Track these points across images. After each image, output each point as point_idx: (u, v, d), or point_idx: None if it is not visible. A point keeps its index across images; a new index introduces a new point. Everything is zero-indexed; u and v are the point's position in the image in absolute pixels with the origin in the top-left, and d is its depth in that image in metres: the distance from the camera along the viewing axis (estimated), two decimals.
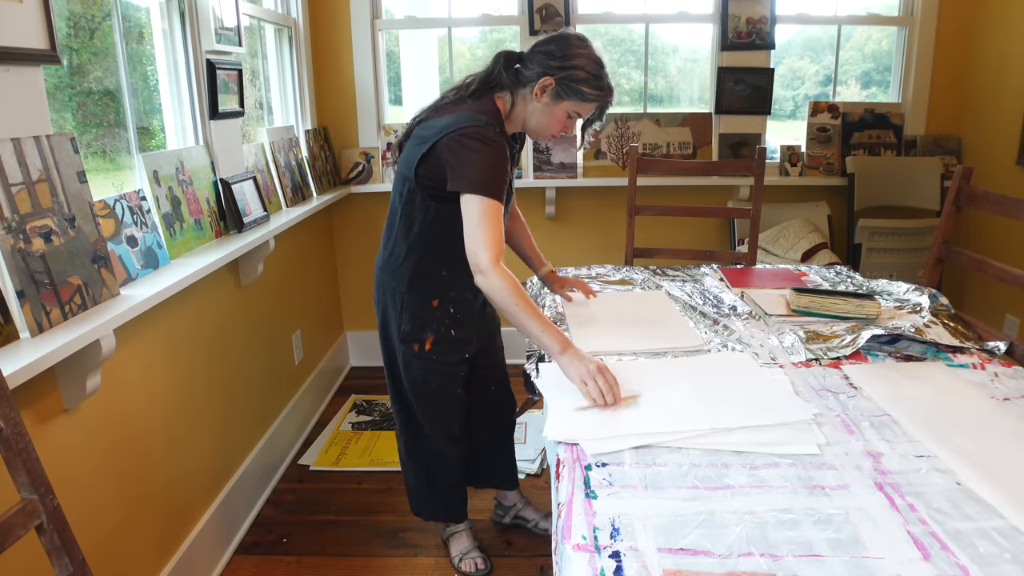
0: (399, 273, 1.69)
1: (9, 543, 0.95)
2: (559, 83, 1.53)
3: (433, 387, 1.77)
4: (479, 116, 1.53)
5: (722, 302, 1.83)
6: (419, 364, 1.74)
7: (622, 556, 0.85)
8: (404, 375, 1.78)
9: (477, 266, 1.46)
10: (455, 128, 1.51)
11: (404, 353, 1.74)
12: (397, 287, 1.70)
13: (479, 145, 1.49)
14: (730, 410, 1.21)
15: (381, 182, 3.27)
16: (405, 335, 1.72)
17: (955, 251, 1.87)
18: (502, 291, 1.43)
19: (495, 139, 1.51)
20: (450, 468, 1.93)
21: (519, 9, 3.17)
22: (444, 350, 1.74)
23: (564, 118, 1.59)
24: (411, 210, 1.63)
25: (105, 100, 1.81)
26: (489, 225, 1.46)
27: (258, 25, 2.74)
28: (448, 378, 1.78)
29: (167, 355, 1.81)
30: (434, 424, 1.84)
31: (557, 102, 1.56)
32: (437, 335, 1.72)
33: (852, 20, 3.27)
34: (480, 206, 1.47)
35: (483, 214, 1.46)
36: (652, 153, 3.27)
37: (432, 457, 1.91)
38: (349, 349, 3.53)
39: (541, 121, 1.60)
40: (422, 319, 1.71)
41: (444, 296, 1.70)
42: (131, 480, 1.65)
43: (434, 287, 1.68)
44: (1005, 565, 0.82)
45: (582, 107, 1.57)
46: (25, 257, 1.27)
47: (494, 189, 1.48)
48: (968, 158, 3.18)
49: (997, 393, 1.28)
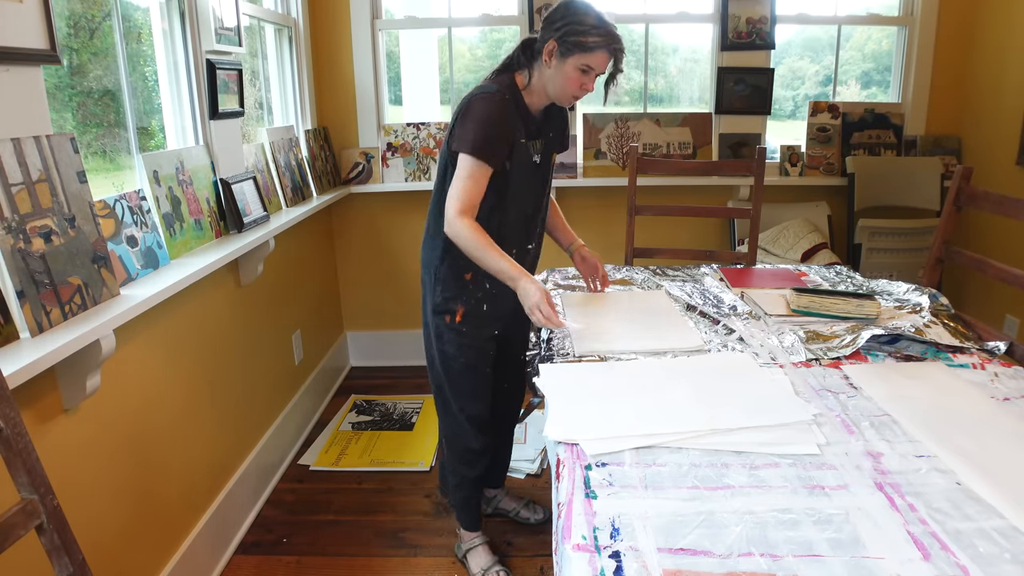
0: (434, 245, 1.76)
1: (9, 543, 0.95)
2: (560, 42, 1.58)
3: (463, 361, 1.80)
4: (492, 85, 1.64)
5: (722, 302, 1.83)
6: (449, 337, 1.78)
7: (622, 556, 0.85)
8: (436, 347, 1.82)
9: (446, 216, 1.58)
10: (468, 95, 1.65)
11: (436, 325, 1.80)
12: (431, 259, 1.77)
13: (480, 106, 1.59)
14: (730, 410, 1.21)
15: (381, 182, 3.27)
16: (437, 307, 1.78)
17: (955, 251, 1.87)
18: (466, 233, 1.56)
19: (499, 102, 1.60)
20: (475, 459, 1.91)
21: (519, 9, 3.17)
22: (475, 324, 1.78)
23: (577, 75, 1.61)
24: (444, 182, 1.70)
25: (105, 100, 1.81)
26: (467, 184, 1.58)
27: (258, 25, 2.74)
28: (479, 353, 1.81)
29: (167, 355, 1.81)
30: (463, 401, 1.85)
31: (563, 60, 1.60)
32: (467, 307, 1.76)
33: (852, 20, 3.27)
34: (464, 163, 1.58)
35: (465, 172, 1.58)
36: (652, 153, 3.27)
37: (460, 446, 1.90)
38: (349, 349, 3.53)
39: (557, 83, 1.64)
40: (453, 291, 1.76)
41: (477, 270, 1.71)
42: (131, 480, 1.65)
43: (467, 261, 1.68)
44: (1005, 565, 0.82)
45: (590, 58, 1.59)
46: (25, 257, 1.27)
47: (484, 150, 1.57)
48: (968, 158, 3.18)
49: (997, 393, 1.28)
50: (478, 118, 1.58)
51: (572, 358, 1.47)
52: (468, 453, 1.90)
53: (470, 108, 1.60)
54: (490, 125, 1.58)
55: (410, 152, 3.25)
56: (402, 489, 2.42)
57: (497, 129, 1.60)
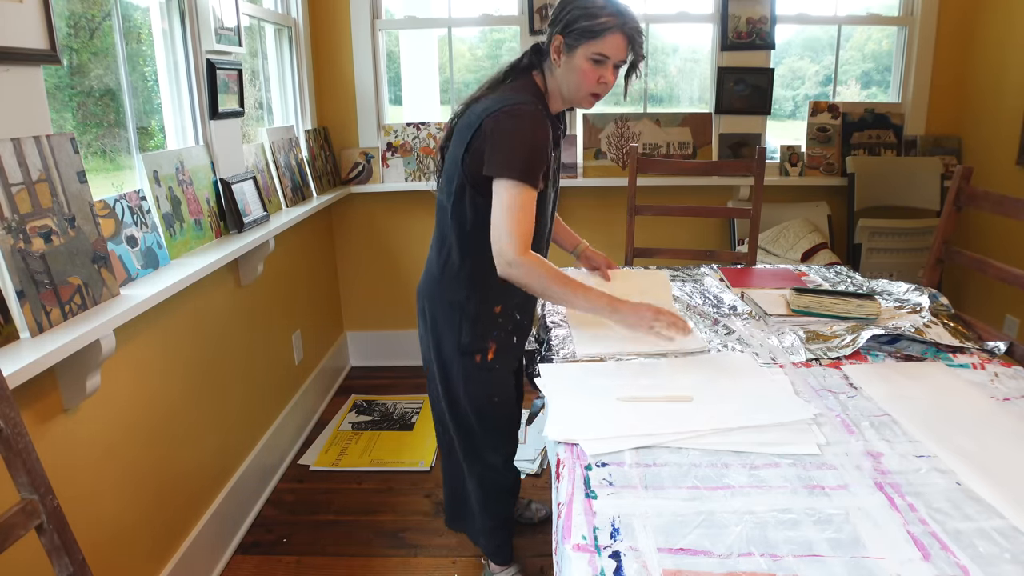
0: (458, 280, 1.56)
1: (9, 543, 0.95)
2: (565, 35, 1.43)
3: (497, 400, 1.65)
4: (522, 95, 1.45)
5: (722, 302, 1.83)
6: (480, 377, 1.61)
7: (622, 556, 0.85)
8: (464, 391, 1.62)
9: (503, 257, 1.38)
10: (497, 108, 1.42)
11: (464, 367, 1.60)
12: (455, 297, 1.57)
13: (519, 124, 1.39)
14: (730, 410, 1.21)
15: (381, 182, 3.27)
16: (465, 347, 1.59)
17: (955, 251, 1.87)
18: (538, 277, 1.39)
19: (537, 117, 1.41)
20: (511, 497, 1.79)
21: (519, 9, 3.17)
22: (506, 358, 1.63)
23: (590, 67, 1.44)
24: (461, 209, 1.51)
25: (105, 100, 1.81)
26: (518, 215, 1.37)
27: (258, 25, 2.74)
28: (509, 387, 1.68)
29: (167, 355, 1.81)
30: (498, 441, 1.70)
31: (572, 53, 1.44)
32: (499, 343, 1.61)
33: (852, 20, 3.27)
34: (511, 192, 1.37)
35: (513, 202, 1.37)
36: (652, 153, 3.27)
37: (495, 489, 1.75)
38: (349, 349, 3.53)
39: (571, 82, 1.48)
40: (484, 328, 1.59)
41: (508, 302, 1.59)
42: (131, 480, 1.65)
43: (496, 293, 1.55)
44: (1005, 565, 0.82)
45: (601, 44, 1.41)
46: (25, 257, 1.27)
47: (531, 174, 1.38)
48: (968, 158, 3.18)
49: (997, 393, 1.28)
50: (519, 138, 1.39)
51: (572, 358, 1.47)
52: (504, 493, 1.76)
53: (505, 125, 1.40)
54: (533, 146, 1.39)
55: (410, 152, 3.25)
56: (402, 489, 2.42)
57: (541, 151, 1.41)
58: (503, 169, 1.38)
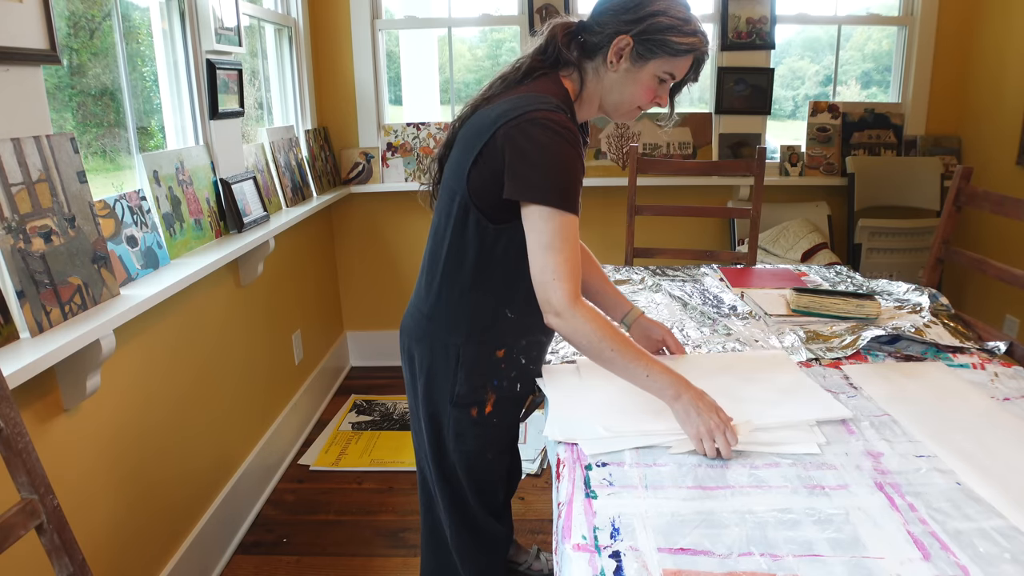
0: (452, 320, 1.30)
1: (9, 543, 0.95)
2: (638, 40, 1.19)
3: (490, 457, 1.39)
4: (545, 98, 1.19)
5: (722, 302, 1.83)
6: (476, 432, 1.35)
7: (622, 556, 0.85)
8: (454, 447, 1.36)
9: (550, 305, 1.14)
10: (516, 114, 1.15)
11: (457, 420, 1.34)
12: (450, 339, 1.31)
13: (548, 137, 1.13)
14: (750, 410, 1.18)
15: (381, 182, 3.27)
16: (460, 398, 1.32)
17: (955, 251, 1.87)
18: (590, 335, 1.14)
19: (569, 126, 1.16)
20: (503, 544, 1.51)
21: (519, 9, 3.17)
22: (505, 410, 1.36)
23: (654, 84, 1.24)
24: (463, 235, 1.25)
25: (105, 100, 1.81)
26: (563, 249, 1.13)
27: (258, 25, 2.74)
28: (507, 443, 1.43)
29: (167, 355, 1.81)
30: (489, 496, 1.44)
31: (641, 65, 1.21)
32: (499, 393, 1.34)
33: (852, 20, 3.27)
34: (552, 223, 1.13)
35: (556, 235, 1.12)
36: (652, 153, 3.27)
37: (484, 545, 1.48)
38: (349, 349, 3.53)
39: (624, 93, 1.25)
40: (483, 376, 1.32)
41: (512, 345, 1.33)
42: (131, 480, 1.65)
43: (498, 334, 1.31)
44: (1005, 565, 0.82)
45: (674, 64, 1.22)
46: (25, 257, 1.27)
47: (570, 197, 1.14)
48: (968, 158, 3.18)
49: (997, 393, 1.28)
50: (551, 153, 1.13)
51: (572, 358, 1.47)
52: (494, 543, 1.49)
53: (531, 137, 1.13)
54: (568, 163, 1.14)
55: (410, 152, 3.26)
56: (402, 489, 2.42)
57: (578, 169, 1.17)
58: (536, 193, 1.13)
